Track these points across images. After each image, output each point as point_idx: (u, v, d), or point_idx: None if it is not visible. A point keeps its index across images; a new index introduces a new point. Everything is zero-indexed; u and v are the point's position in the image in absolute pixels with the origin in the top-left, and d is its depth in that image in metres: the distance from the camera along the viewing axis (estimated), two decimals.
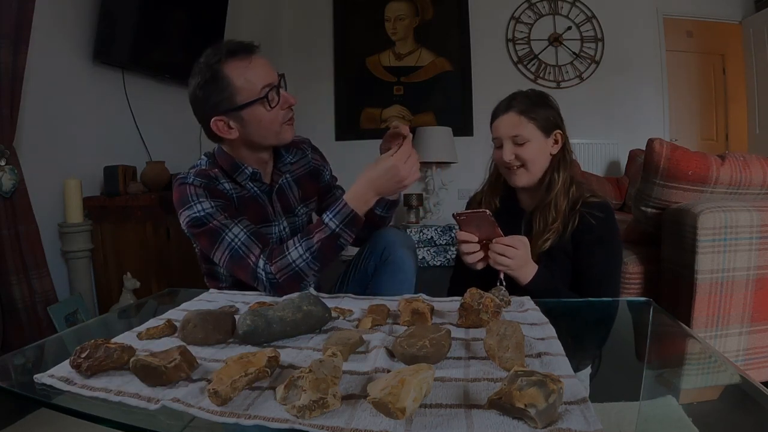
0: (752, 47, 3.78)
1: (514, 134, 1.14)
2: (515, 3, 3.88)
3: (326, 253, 0.96)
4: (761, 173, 1.37)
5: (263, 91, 1.00)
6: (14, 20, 1.69)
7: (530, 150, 1.14)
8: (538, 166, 1.16)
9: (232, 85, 0.98)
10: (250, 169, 1.09)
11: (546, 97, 1.19)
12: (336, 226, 0.95)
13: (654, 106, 3.92)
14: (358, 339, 0.69)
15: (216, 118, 1.01)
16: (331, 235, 0.95)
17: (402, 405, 0.47)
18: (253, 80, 0.99)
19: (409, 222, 3.62)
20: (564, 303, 1.00)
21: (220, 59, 0.98)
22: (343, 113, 3.85)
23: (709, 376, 0.74)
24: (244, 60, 0.99)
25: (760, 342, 1.32)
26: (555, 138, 1.17)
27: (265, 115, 1.01)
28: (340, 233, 0.96)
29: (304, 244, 0.96)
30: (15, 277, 1.73)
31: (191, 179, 1.02)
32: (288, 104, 1.05)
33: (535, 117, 1.14)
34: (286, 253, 0.96)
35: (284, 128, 1.06)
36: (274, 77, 1.02)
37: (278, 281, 0.95)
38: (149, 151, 2.50)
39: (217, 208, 1.00)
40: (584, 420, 0.47)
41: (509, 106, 1.16)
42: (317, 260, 0.96)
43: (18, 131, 1.77)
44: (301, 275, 0.96)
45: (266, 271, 0.95)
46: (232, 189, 1.08)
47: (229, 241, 0.98)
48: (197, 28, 2.86)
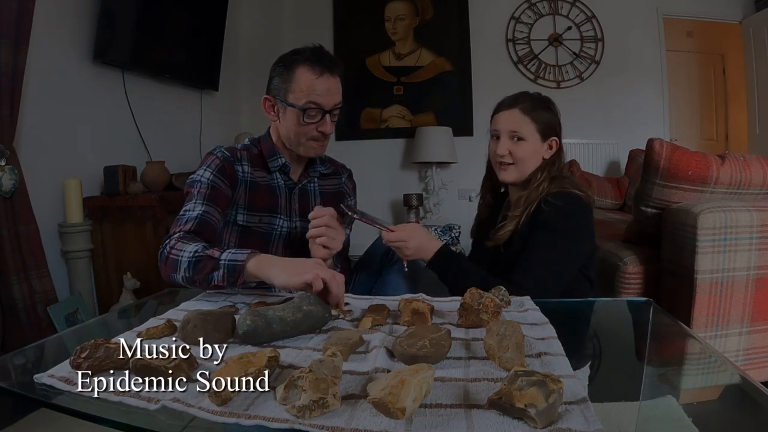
0: (752, 47, 3.78)
1: (514, 129, 1.16)
2: (515, 3, 3.87)
3: (200, 269, 0.94)
4: (761, 173, 1.37)
5: (306, 105, 1.09)
6: (14, 20, 1.68)
7: (525, 149, 1.16)
8: (527, 166, 1.17)
9: (292, 82, 1.09)
10: (283, 160, 1.18)
11: (550, 103, 1.21)
12: (224, 261, 0.92)
13: (654, 107, 3.91)
14: (358, 339, 0.69)
15: (269, 96, 1.15)
16: (215, 262, 0.93)
17: (402, 405, 0.47)
18: (306, 91, 1.08)
19: (409, 222, 3.62)
20: (564, 303, 1.00)
21: (300, 59, 1.09)
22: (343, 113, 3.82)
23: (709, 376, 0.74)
24: (314, 72, 1.08)
25: (760, 342, 1.32)
26: (550, 144, 1.19)
27: (296, 123, 1.11)
28: (221, 267, 0.92)
29: (200, 250, 0.95)
30: (15, 277, 1.73)
31: (218, 151, 1.15)
32: (319, 130, 1.12)
33: (537, 119, 1.16)
34: (189, 245, 0.97)
35: (308, 144, 1.14)
36: (327, 101, 1.10)
37: (165, 256, 0.99)
38: (149, 151, 2.50)
39: (210, 184, 1.09)
40: (584, 420, 0.47)
41: (514, 102, 1.18)
42: (191, 267, 0.95)
43: (18, 131, 1.77)
44: (178, 267, 0.96)
45: (170, 244, 1.00)
46: (249, 172, 1.16)
47: (185, 209, 1.08)
48: (197, 28, 2.86)
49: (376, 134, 3.90)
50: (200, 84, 3.02)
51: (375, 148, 3.89)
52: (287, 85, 1.09)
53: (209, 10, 2.97)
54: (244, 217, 1.15)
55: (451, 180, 3.75)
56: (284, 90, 1.10)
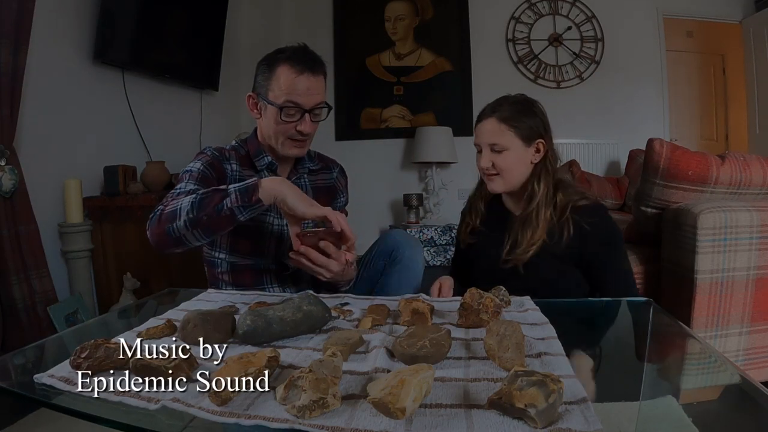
0: (752, 47, 3.78)
1: (493, 142, 1.13)
2: (515, 3, 3.87)
3: (207, 203, 0.92)
4: (761, 173, 1.37)
5: (284, 103, 1.07)
6: (14, 20, 1.69)
7: (507, 159, 1.13)
8: (515, 175, 1.14)
9: (272, 80, 1.09)
10: (269, 158, 1.17)
11: (532, 105, 1.17)
12: (234, 187, 0.92)
13: (654, 106, 3.91)
14: (358, 339, 0.69)
15: (252, 93, 1.14)
16: (222, 192, 0.93)
17: (402, 405, 0.47)
18: (285, 89, 1.07)
19: (409, 222, 3.62)
20: (564, 303, 1.00)
21: (282, 57, 1.08)
22: (343, 113, 3.84)
23: (709, 376, 0.74)
24: (294, 70, 1.07)
25: (760, 342, 1.32)
26: (537, 147, 1.15)
27: (275, 121, 1.10)
28: (231, 192, 0.92)
29: (202, 191, 0.95)
30: (15, 277, 1.73)
31: (207, 150, 1.17)
32: (298, 129, 1.10)
33: (517, 125, 1.12)
34: (184, 198, 0.96)
35: (287, 143, 1.12)
36: (307, 100, 1.08)
37: (160, 214, 0.96)
38: (149, 151, 2.50)
39: (201, 172, 1.09)
40: (584, 420, 0.47)
41: (492, 111, 1.15)
42: (196, 206, 0.93)
43: (18, 131, 1.77)
44: (178, 214, 0.93)
45: (164, 203, 0.99)
46: (237, 170, 1.16)
47: (177, 188, 1.06)
48: (197, 28, 2.86)
49: (376, 134, 3.90)
50: (200, 84, 3.02)
51: (375, 148, 3.89)
52: (268, 83, 1.09)
53: (209, 10, 2.97)
54: None
55: (451, 180, 3.75)
56: (265, 88, 1.10)
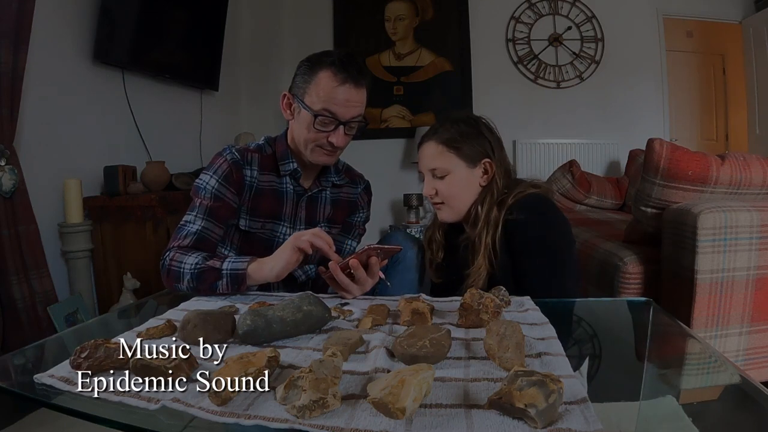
0: (752, 47, 3.78)
1: (433, 166, 1.06)
2: (515, 3, 3.87)
3: (204, 280, 0.99)
4: (761, 173, 1.37)
5: (320, 111, 1.04)
6: (14, 20, 1.68)
7: (451, 184, 1.05)
8: (462, 201, 1.07)
9: (312, 84, 1.05)
10: (294, 165, 1.14)
11: (477, 124, 1.09)
12: (225, 270, 0.98)
13: (654, 107, 3.91)
14: (358, 339, 0.69)
15: (289, 93, 1.11)
16: (216, 272, 0.98)
17: (402, 405, 0.47)
18: (323, 97, 1.04)
19: (409, 222, 3.62)
20: (564, 303, 1.00)
21: (326, 61, 1.05)
22: None
23: (709, 376, 0.74)
24: (337, 79, 1.03)
25: (760, 342, 1.32)
26: (484, 167, 1.06)
27: (307, 127, 1.07)
28: (223, 276, 0.97)
29: (200, 262, 0.99)
30: (15, 277, 1.73)
31: (227, 153, 1.12)
32: (329, 140, 1.07)
33: (458, 146, 1.05)
34: (188, 256, 1.01)
35: (316, 150, 1.09)
36: (344, 112, 1.05)
37: (167, 268, 1.03)
38: (149, 151, 2.50)
39: (214, 195, 1.08)
40: (584, 420, 0.47)
41: (432, 134, 1.08)
42: (195, 279, 0.99)
43: (18, 131, 1.77)
44: (181, 278, 1.00)
45: (169, 256, 1.03)
46: (256, 177, 1.13)
47: (186, 220, 1.09)
48: (197, 28, 2.86)
49: (376, 134, 3.89)
50: (200, 84, 3.02)
51: (375, 148, 3.89)
52: (307, 86, 1.06)
53: (209, 10, 2.97)
54: (246, 222, 1.14)
55: None
56: (303, 90, 1.06)
